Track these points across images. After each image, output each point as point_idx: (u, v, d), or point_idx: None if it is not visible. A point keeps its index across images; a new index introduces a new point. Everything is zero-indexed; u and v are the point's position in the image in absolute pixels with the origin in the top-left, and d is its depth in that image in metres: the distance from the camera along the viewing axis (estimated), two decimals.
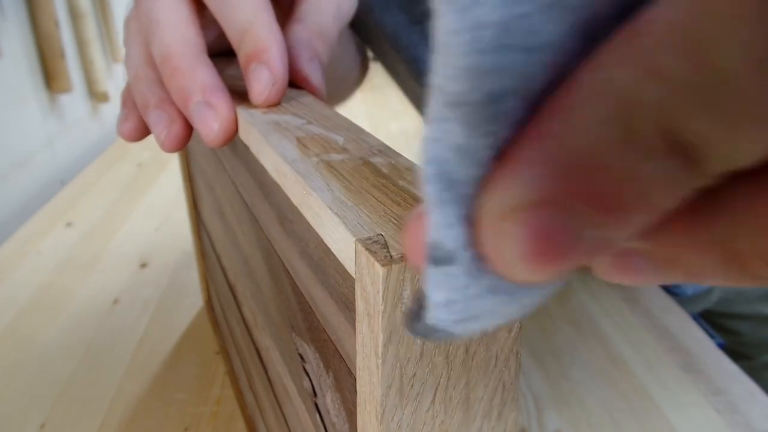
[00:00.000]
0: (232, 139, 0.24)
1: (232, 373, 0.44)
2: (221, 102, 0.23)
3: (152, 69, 0.26)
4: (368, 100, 1.27)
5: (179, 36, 0.25)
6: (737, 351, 0.50)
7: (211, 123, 0.23)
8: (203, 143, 0.24)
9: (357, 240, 0.12)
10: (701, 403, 0.40)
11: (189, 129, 0.25)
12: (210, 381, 0.44)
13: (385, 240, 0.12)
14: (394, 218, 0.13)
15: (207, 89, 0.24)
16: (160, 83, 0.26)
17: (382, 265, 0.11)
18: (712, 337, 0.46)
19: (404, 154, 0.18)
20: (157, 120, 0.25)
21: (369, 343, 0.12)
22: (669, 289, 0.53)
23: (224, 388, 0.44)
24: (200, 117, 0.23)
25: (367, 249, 0.12)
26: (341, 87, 0.55)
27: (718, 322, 0.58)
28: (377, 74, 0.66)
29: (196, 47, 0.25)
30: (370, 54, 0.58)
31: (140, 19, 0.26)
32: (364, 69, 0.59)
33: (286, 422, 0.27)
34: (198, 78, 0.24)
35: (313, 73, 0.27)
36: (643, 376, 0.42)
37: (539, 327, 0.48)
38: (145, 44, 0.26)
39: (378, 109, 1.21)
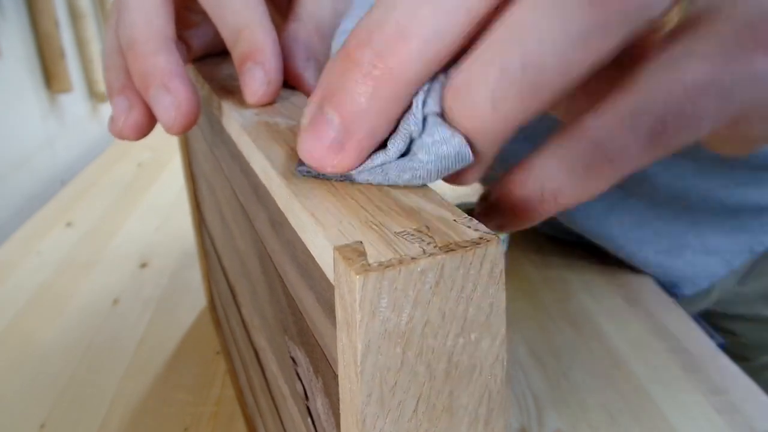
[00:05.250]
0: (191, 127, 0.24)
1: (232, 373, 0.44)
2: (180, 88, 0.23)
3: (121, 57, 0.26)
4: None
5: (144, 22, 0.25)
6: (736, 352, 0.50)
7: (169, 109, 0.23)
8: (202, 143, 0.24)
9: (335, 247, 0.12)
10: (701, 403, 0.39)
11: (150, 116, 0.25)
12: (210, 381, 0.44)
13: (363, 248, 0.12)
14: (376, 225, 0.13)
15: (166, 75, 0.23)
16: (126, 70, 0.25)
17: (357, 274, 0.11)
18: (712, 337, 0.46)
19: None
20: (117, 106, 0.25)
21: (348, 352, 0.12)
22: (669, 289, 0.53)
23: (224, 388, 0.44)
24: (158, 103, 0.23)
25: (344, 256, 0.11)
26: None
27: (718, 323, 0.58)
28: None
29: (161, 34, 0.25)
30: None
31: (116, 9, 0.26)
32: None
33: (282, 424, 0.27)
34: (159, 64, 0.23)
35: (309, 73, 0.27)
36: (643, 376, 0.42)
37: (539, 327, 0.48)
38: (117, 34, 0.26)
39: None
